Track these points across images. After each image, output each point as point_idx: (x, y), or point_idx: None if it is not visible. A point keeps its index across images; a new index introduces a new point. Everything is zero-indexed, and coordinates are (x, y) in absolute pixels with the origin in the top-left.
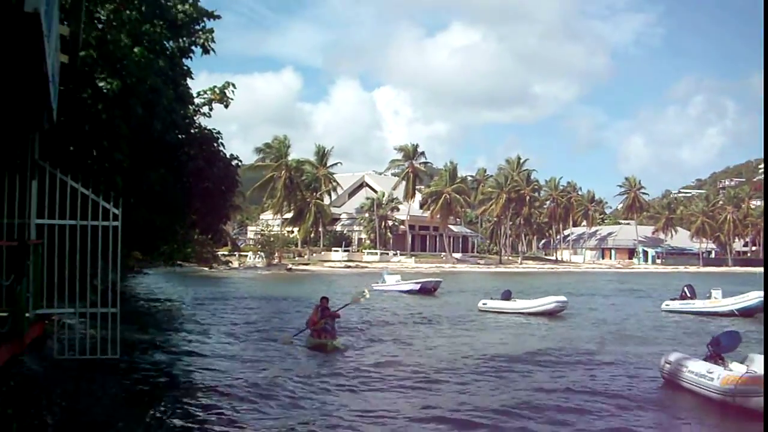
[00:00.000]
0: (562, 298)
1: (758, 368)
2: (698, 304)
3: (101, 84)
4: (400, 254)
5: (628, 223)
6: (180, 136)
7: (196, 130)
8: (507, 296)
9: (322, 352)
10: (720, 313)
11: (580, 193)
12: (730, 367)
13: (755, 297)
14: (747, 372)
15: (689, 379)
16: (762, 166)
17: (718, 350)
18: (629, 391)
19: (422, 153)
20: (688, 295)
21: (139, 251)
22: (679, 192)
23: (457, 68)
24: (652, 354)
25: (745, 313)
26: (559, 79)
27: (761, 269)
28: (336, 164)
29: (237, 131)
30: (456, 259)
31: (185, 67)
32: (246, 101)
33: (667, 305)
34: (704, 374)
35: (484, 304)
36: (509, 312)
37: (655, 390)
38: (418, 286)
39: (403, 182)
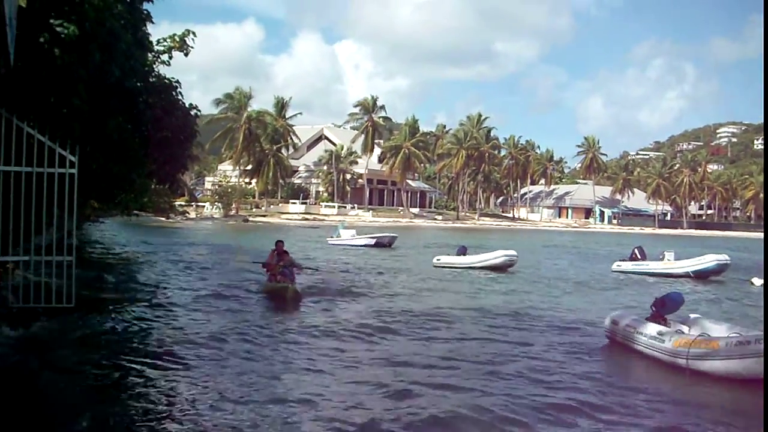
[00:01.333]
0: (512, 252)
1: (709, 332)
2: (652, 266)
3: (59, 28)
4: (358, 208)
5: (585, 183)
6: (138, 83)
7: (155, 78)
8: (462, 252)
9: (280, 296)
10: (674, 275)
11: (539, 151)
12: (680, 329)
13: (712, 260)
14: (701, 335)
15: (637, 339)
16: (720, 130)
17: (663, 311)
18: (572, 348)
19: (382, 107)
20: (639, 256)
21: (95, 200)
22: (637, 154)
23: (419, 24)
24: (597, 313)
25: (701, 275)
26: (521, 37)
27: (716, 232)
28: (295, 115)
29: (197, 82)
30: (413, 214)
31: (144, 11)
32: (208, 52)
33: (618, 266)
34: (654, 336)
35: (438, 260)
36: (461, 267)
37: (599, 349)
38: (373, 241)
39: (362, 136)
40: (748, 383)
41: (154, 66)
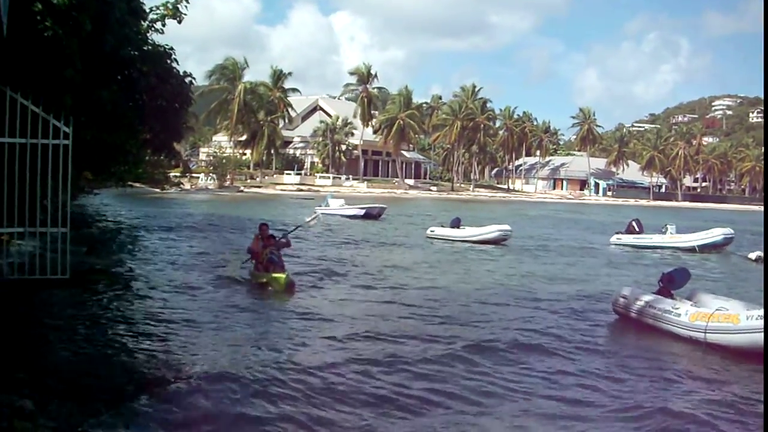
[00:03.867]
0: (506, 227)
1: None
2: (655, 239)
3: None
4: (353, 179)
5: (581, 155)
6: (133, 52)
7: (150, 46)
8: (456, 224)
9: (271, 288)
10: (679, 248)
11: (534, 123)
12: (696, 303)
13: (719, 233)
14: (718, 309)
15: (650, 313)
16: (715, 103)
17: (670, 286)
18: (580, 325)
19: (376, 76)
20: (636, 229)
21: (89, 171)
22: (632, 126)
23: None
24: (602, 288)
25: (706, 249)
26: (516, 9)
27: (711, 205)
28: (292, 89)
29: (193, 52)
30: (408, 185)
31: None
32: (203, 22)
33: (618, 238)
34: (669, 310)
35: (431, 231)
36: (455, 239)
37: (609, 324)
38: (362, 212)
39: (358, 107)
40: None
41: (148, 34)
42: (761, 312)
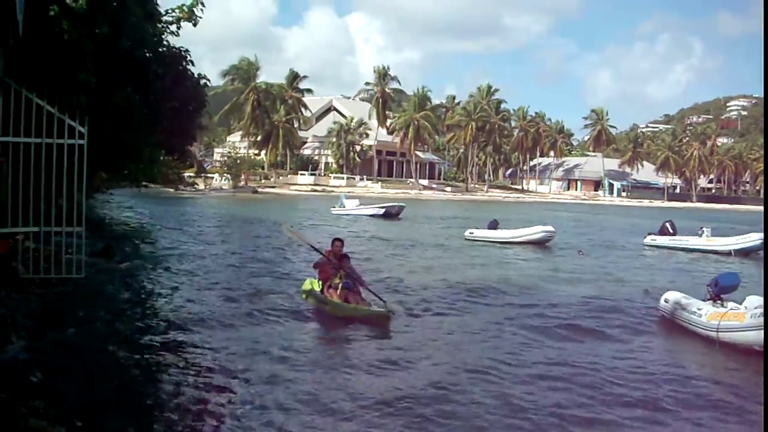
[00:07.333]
0: (550, 227)
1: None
2: (692, 241)
3: (68, 0)
4: (367, 179)
5: (595, 155)
6: (148, 54)
7: (165, 48)
8: (493, 226)
9: (364, 323)
10: (716, 252)
11: (548, 123)
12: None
13: (756, 238)
14: (732, 308)
15: (681, 316)
16: (730, 103)
17: (716, 291)
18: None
19: (393, 77)
20: (670, 231)
21: (104, 171)
22: (647, 126)
23: None
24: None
25: (743, 253)
26: (529, 11)
27: (726, 206)
28: (306, 90)
29: (208, 54)
30: (422, 185)
31: None
32: (219, 24)
33: (653, 240)
34: (694, 311)
35: (471, 233)
36: (496, 241)
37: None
38: (382, 211)
39: (373, 108)
40: None
41: (163, 36)
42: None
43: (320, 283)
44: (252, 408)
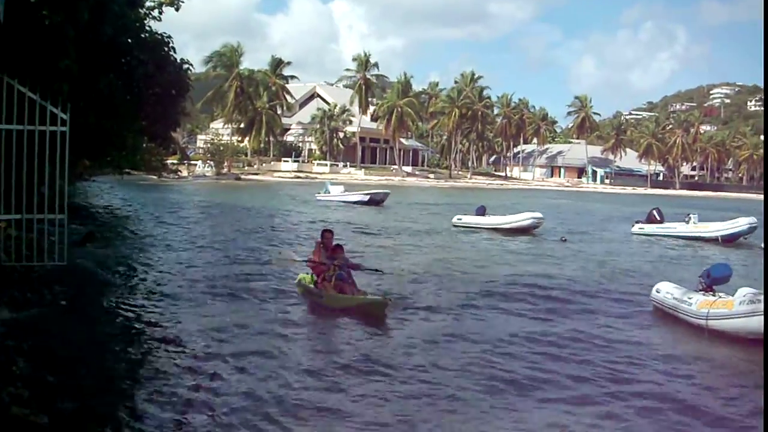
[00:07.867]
0: (538, 214)
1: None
2: (679, 228)
3: None
4: (350, 166)
5: (578, 142)
6: (130, 40)
7: (147, 34)
8: (481, 212)
9: (360, 313)
10: (703, 238)
11: (531, 110)
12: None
13: (744, 223)
14: (721, 296)
15: (671, 305)
16: (714, 91)
17: (708, 282)
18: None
19: (375, 64)
20: (657, 218)
21: (87, 158)
22: (630, 114)
23: None
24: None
25: (729, 239)
26: None
27: (709, 193)
28: (290, 77)
29: (192, 42)
30: (406, 172)
31: None
32: (204, 11)
33: (641, 228)
34: (684, 300)
35: (459, 219)
36: (484, 227)
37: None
38: (367, 198)
39: (356, 94)
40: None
41: (145, 22)
42: (753, 297)
43: (314, 276)
44: (240, 395)
